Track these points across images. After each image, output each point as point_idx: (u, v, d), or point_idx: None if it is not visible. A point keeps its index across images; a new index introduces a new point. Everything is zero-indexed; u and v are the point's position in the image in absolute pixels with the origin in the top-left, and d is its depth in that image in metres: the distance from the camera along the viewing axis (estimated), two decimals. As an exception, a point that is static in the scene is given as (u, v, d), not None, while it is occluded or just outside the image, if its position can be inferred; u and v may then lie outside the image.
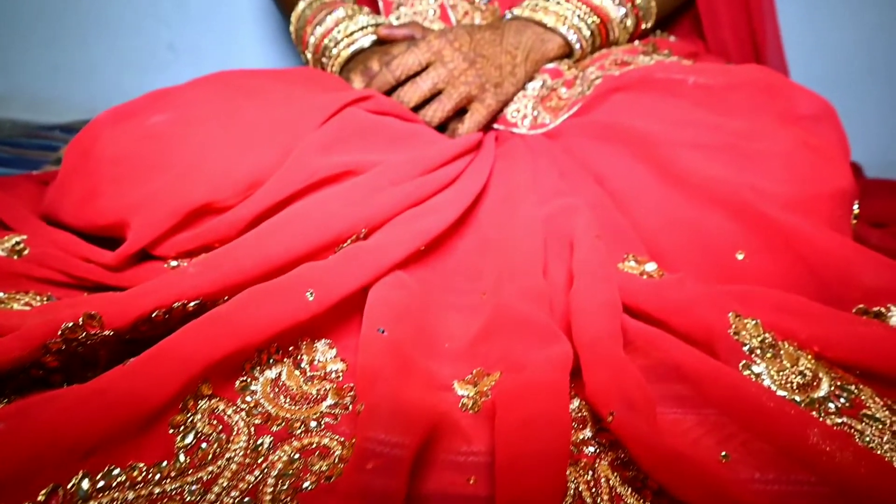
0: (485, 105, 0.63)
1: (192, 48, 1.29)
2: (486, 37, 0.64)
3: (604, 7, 0.68)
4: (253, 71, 0.56)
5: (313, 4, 0.74)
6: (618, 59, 0.66)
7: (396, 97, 0.62)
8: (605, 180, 0.54)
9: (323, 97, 0.52)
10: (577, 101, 0.64)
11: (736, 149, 0.48)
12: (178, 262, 0.45)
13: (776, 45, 0.82)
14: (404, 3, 0.76)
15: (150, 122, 0.47)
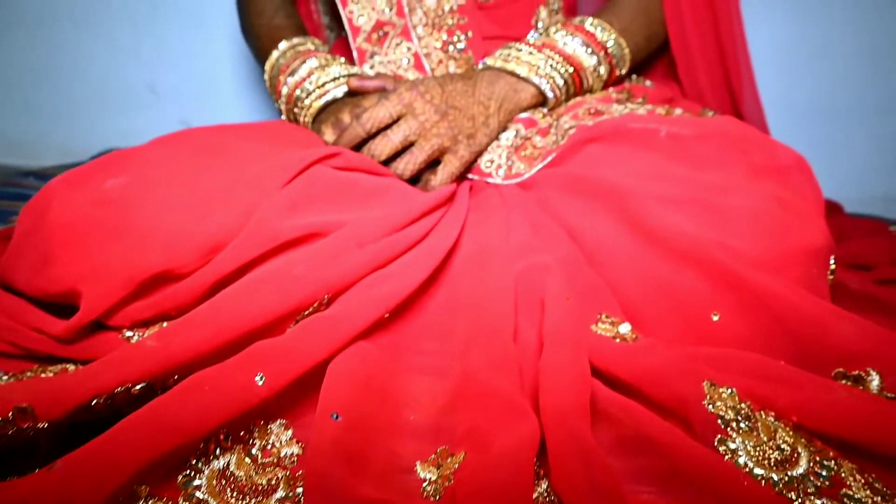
0: (458, 156, 0.62)
1: (172, 89, 1.29)
2: (459, 88, 0.63)
3: (577, 56, 0.68)
4: (218, 128, 0.54)
5: (287, 53, 0.74)
6: (591, 108, 0.66)
7: (367, 150, 0.61)
8: (579, 235, 0.53)
9: (289, 155, 0.51)
10: (551, 150, 0.63)
11: (707, 204, 0.48)
12: (133, 333, 0.43)
13: (751, 89, 0.82)
14: (378, 52, 0.76)
15: (106, 185, 0.45)
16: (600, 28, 0.69)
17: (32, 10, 1.27)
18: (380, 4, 0.75)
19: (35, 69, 1.30)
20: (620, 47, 0.71)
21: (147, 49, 1.27)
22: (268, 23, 0.81)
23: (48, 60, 1.29)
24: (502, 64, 0.66)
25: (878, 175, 1.28)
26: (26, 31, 1.28)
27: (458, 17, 0.74)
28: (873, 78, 1.23)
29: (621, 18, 0.73)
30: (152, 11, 1.24)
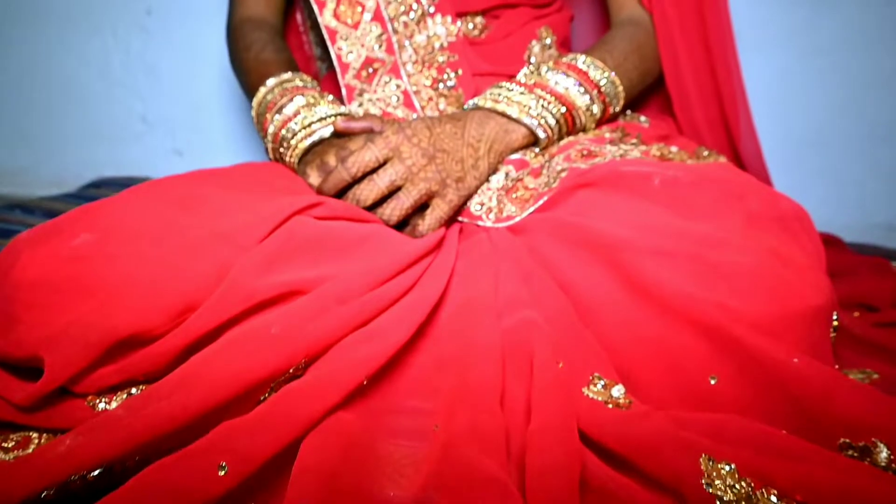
0: (446, 201, 0.61)
1: (164, 119, 1.28)
2: (447, 130, 0.62)
3: (569, 95, 0.66)
4: (195, 175, 0.53)
5: (275, 90, 0.72)
6: (584, 150, 0.64)
7: (352, 195, 0.59)
8: (570, 288, 0.51)
9: (268, 206, 0.49)
10: (542, 193, 0.61)
11: (704, 260, 0.46)
12: (100, 400, 0.41)
13: (748, 125, 0.80)
14: (367, 89, 0.74)
15: (75, 242, 0.43)
16: (593, 66, 0.68)
17: (24, 39, 1.26)
18: (369, 41, 0.74)
19: (27, 98, 1.29)
20: (614, 86, 0.69)
21: (139, 79, 1.26)
22: (255, 57, 0.79)
23: (40, 89, 1.28)
24: (492, 104, 0.64)
25: (878, 203, 1.26)
26: (18, 61, 1.27)
27: (448, 54, 0.73)
28: (871, 106, 1.21)
29: (615, 55, 0.72)
30: (145, 41, 1.24)
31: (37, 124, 1.31)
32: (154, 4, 1.22)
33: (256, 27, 0.83)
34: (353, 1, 0.74)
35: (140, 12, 1.23)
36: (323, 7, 0.75)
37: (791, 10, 1.19)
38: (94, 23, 1.24)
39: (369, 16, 0.74)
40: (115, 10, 1.23)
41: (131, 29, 1.24)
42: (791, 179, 1.26)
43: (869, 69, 1.20)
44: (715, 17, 0.76)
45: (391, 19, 0.74)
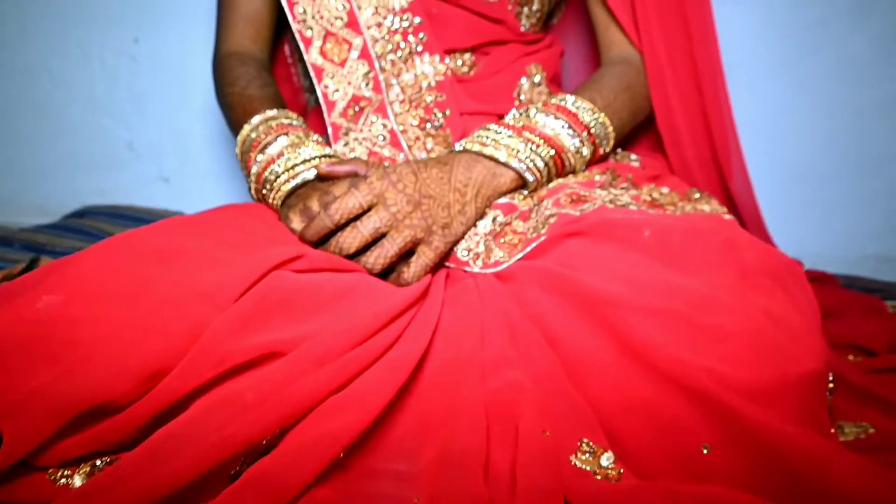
0: (432, 248, 0.59)
1: (151, 146, 1.26)
2: (433, 174, 0.60)
3: (558, 138, 0.65)
4: (169, 226, 0.51)
5: (259, 127, 0.71)
6: (574, 194, 0.63)
7: (335, 242, 0.57)
8: (559, 344, 0.50)
9: (246, 260, 0.47)
10: (531, 239, 0.60)
11: (695, 322, 0.44)
12: (61, 473, 0.39)
13: (740, 164, 0.79)
14: (353, 128, 0.73)
15: (40, 303, 0.41)
16: (583, 108, 0.67)
17: (9, 66, 1.24)
18: (356, 79, 0.73)
19: (10, 126, 1.27)
20: (604, 127, 0.68)
21: (126, 106, 1.24)
22: (240, 93, 0.78)
23: (24, 117, 1.26)
24: (480, 148, 0.63)
25: (869, 234, 1.25)
26: (1, 88, 1.26)
27: (436, 94, 0.72)
28: (861, 137, 1.21)
29: (604, 95, 0.71)
30: (131, 68, 1.22)
31: (21, 152, 1.29)
32: (141, 33, 1.21)
33: (242, 62, 0.82)
34: (340, 39, 0.73)
35: (127, 41, 1.22)
36: (309, 45, 0.74)
37: (781, 43, 1.19)
38: (80, 51, 1.23)
39: (356, 53, 0.73)
40: (102, 39, 1.22)
41: (119, 57, 1.23)
42: (782, 210, 1.26)
43: (859, 101, 1.20)
44: (705, 57, 0.76)
45: (378, 57, 0.73)
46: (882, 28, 1.16)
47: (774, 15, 1.17)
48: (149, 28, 1.20)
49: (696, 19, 0.75)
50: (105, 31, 1.21)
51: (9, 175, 1.30)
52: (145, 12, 1.20)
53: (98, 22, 1.21)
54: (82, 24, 1.21)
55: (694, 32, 0.75)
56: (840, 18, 1.16)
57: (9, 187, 1.30)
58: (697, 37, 0.75)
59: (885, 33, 1.17)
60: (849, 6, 1.16)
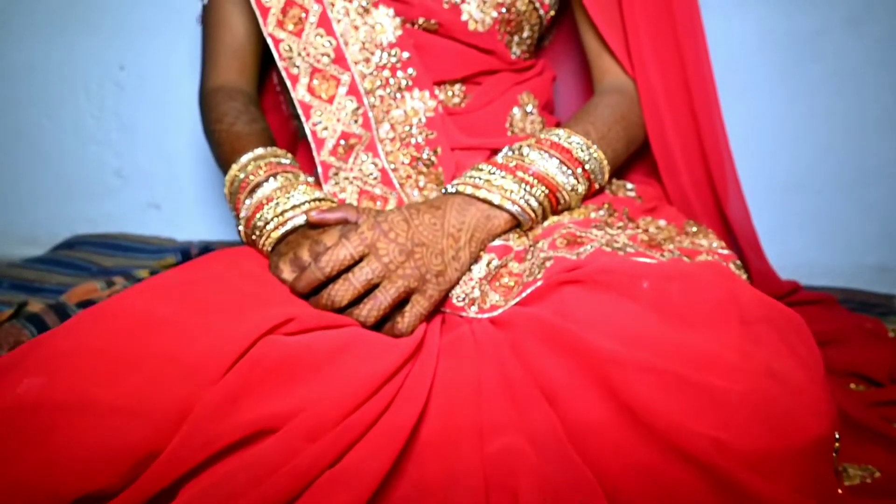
0: (426, 297, 0.58)
1: (139, 173, 1.25)
2: (426, 221, 0.59)
3: (552, 177, 0.63)
4: (152, 291, 0.48)
5: (248, 167, 0.69)
6: (569, 235, 0.61)
7: (327, 295, 0.56)
8: (557, 401, 0.48)
9: (235, 326, 0.46)
10: (528, 283, 0.59)
11: (697, 385, 0.43)
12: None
13: (736, 191, 0.78)
14: (343, 167, 0.71)
15: (21, 388, 0.40)
16: (577, 143, 0.66)
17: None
18: (345, 116, 0.72)
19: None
20: (599, 162, 0.67)
21: (113, 134, 1.23)
22: (228, 129, 0.76)
23: (11, 147, 1.24)
24: (473, 190, 0.62)
25: (868, 245, 1.25)
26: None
27: (426, 131, 0.71)
28: (858, 148, 1.20)
29: (598, 126, 0.70)
30: (118, 96, 1.21)
31: (10, 182, 1.27)
32: (127, 60, 1.19)
33: (229, 96, 0.81)
34: (327, 75, 0.72)
35: (113, 67, 1.20)
36: (296, 82, 0.73)
37: (777, 53, 1.18)
38: (65, 79, 1.21)
39: (344, 90, 0.72)
40: (87, 66, 1.20)
41: (104, 84, 1.21)
42: (779, 221, 1.25)
43: (855, 112, 1.19)
44: (699, 83, 0.74)
45: (367, 93, 0.71)
46: (878, 38, 1.15)
47: (771, 25, 1.16)
48: (134, 55, 1.19)
49: (688, 45, 0.74)
50: (89, 60, 1.19)
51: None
52: (130, 39, 1.18)
53: (82, 50, 1.19)
54: (66, 52, 1.19)
55: (687, 59, 0.74)
56: (836, 29, 1.15)
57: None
58: (691, 63, 0.74)
59: (881, 43, 1.16)
60: (845, 17, 1.15)
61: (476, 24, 0.74)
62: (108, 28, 1.18)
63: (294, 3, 0.71)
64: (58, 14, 1.19)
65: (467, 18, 0.74)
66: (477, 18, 0.74)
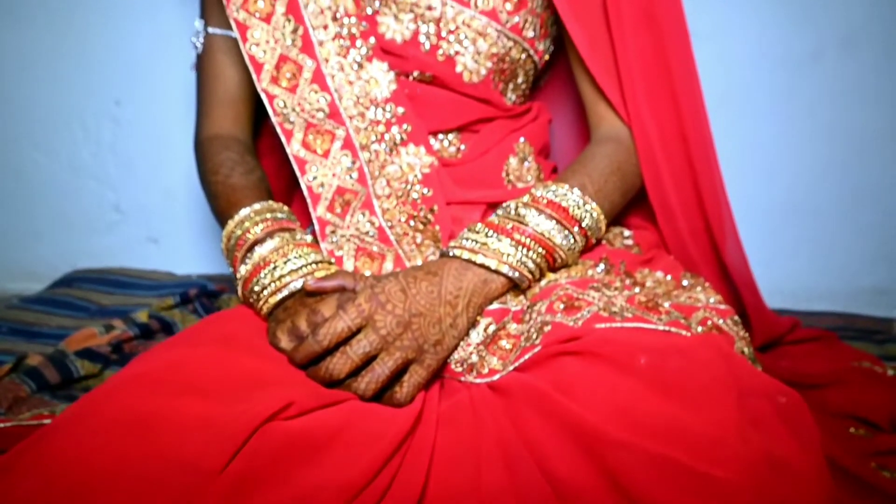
0: (424, 366, 0.58)
1: (138, 208, 1.25)
2: (423, 289, 0.59)
3: (549, 237, 0.63)
4: (145, 379, 0.48)
5: (245, 223, 0.69)
6: (567, 297, 0.61)
7: (325, 368, 0.56)
8: (555, 479, 0.48)
9: (233, 417, 0.46)
10: (525, 349, 0.59)
11: (694, 473, 0.43)
12: None
13: (733, 236, 0.78)
14: (340, 225, 0.71)
15: (19, 492, 0.40)
16: (573, 200, 0.65)
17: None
18: (340, 171, 0.72)
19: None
20: (595, 219, 0.67)
21: (110, 169, 1.23)
22: (224, 181, 0.76)
23: (9, 183, 1.24)
24: (470, 255, 0.61)
25: (864, 267, 1.25)
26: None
27: (423, 189, 0.70)
28: (855, 170, 1.21)
29: (595, 178, 0.70)
30: (115, 132, 1.21)
31: (8, 217, 1.27)
32: (123, 95, 1.19)
33: (224, 146, 0.81)
34: (322, 130, 0.72)
35: (109, 103, 1.20)
36: (290, 137, 0.72)
37: (773, 75, 1.18)
38: (62, 114, 1.21)
39: (339, 144, 0.72)
40: (83, 102, 1.20)
41: (101, 120, 1.21)
42: (776, 243, 1.25)
43: (852, 134, 1.19)
44: (696, 132, 0.74)
45: (362, 147, 0.71)
46: (874, 60, 1.15)
47: (767, 47, 1.16)
48: (130, 90, 1.19)
49: (684, 94, 0.73)
50: (86, 95, 1.19)
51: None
52: (125, 75, 1.18)
53: (78, 86, 1.19)
54: (63, 88, 1.19)
55: (683, 107, 0.73)
56: (832, 51, 1.15)
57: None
58: (687, 112, 0.74)
59: (876, 66, 1.16)
60: (840, 39, 1.15)
61: (471, 75, 0.74)
62: (105, 64, 1.18)
63: (288, 58, 0.71)
64: (54, 50, 1.18)
65: (462, 70, 0.74)
66: (471, 69, 0.74)
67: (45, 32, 1.18)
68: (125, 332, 0.92)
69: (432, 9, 0.71)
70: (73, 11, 1.16)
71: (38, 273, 1.26)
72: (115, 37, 1.17)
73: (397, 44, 0.72)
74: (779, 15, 1.14)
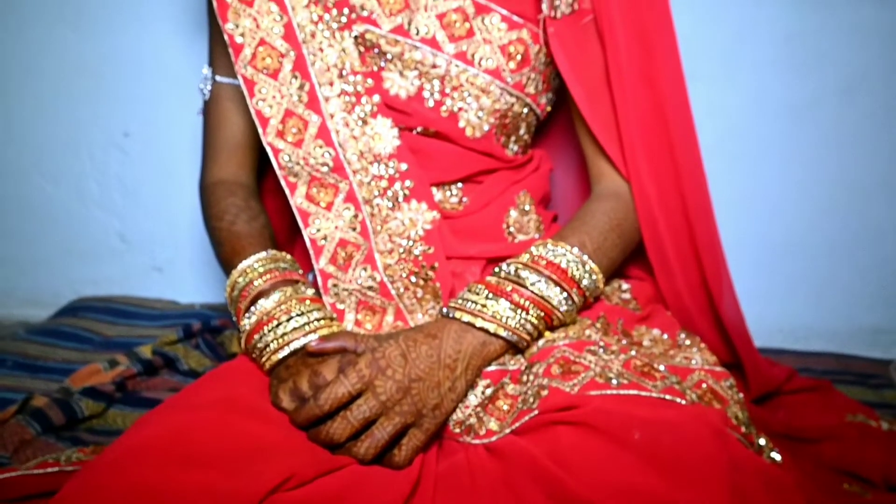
0: (422, 430, 0.59)
1: (143, 237, 1.26)
2: (423, 353, 0.60)
3: (548, 299, 0.65)
4: (145, 452, 0.49)
5: (248, 274, 0.71)
6: (564, 360, 0.62)
7: (326, 432, 0.57)
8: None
9: (235, 492, 0.47)
10: (522, 412, 0.60)
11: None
12: None
13: (729, 290, 0.79)
14: (342, 279, 0.72)
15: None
16: (573, 261, 0.66)
17: (0, 162, 1.24)
18: (343, 224, 0.73)
19: (3, 219, 1.27)
20: (594, 280, 0.68)
21: (117, 199, 1.24)
22: (228, 228, 0.78)
23: (16, 211, 1.26)
24: (470, 318, 0.63)
25: (864, 307, 1.26)
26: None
27: (424, 246, 0.72)
28: (852, 212, 1.22)
29: (594, 237, 0.71)
30: (122, 162, 1.22)
31: (14, 245, 1.29)
32: (131, 126, 1.21)
33: (229, 191, 0.82)
34: (326, 183, 0.73)
35: (117, 134, 1.21)
36: (294, 189, 0.74)
37: (774, 120, 1.19)
38: (70, 145, 1.22)
39: (342, 197, 0.73)
40: (91, 134, 1.22)
41: (109, 151, 1.23)
42: (776, 284, 1.26)
43: (850, 177, 1.20)
44: (694, 190, 0.75)
45: (365, 202, 0.73)
46: (872, 107, 1.17)
47: (768, 94, 1.18)
48: (138, 122, 1.20)
49: (683, 155, 0.74)
50: (94, 126, 1.21)
51: (2, 267, 1.29)
52: (134, 107, 1.20)
53: (87, 117, 1.21)
54: (71, 119, 1.21)
55: (682, 167, 0.74)
56: (831, 98, 1.17)
57: (2, 279, 1.30)
58: (685, 171, 0.75)
59: (874, 112, 1.17)
60: (840, 86, 1.16)
61: (474, 131, 0.75)
62: (113, 95, 1.20)
63: (294, 114, 0.72)
64: (64, 81, 1.20)
65: (465, 125, 0.75)
66: (474, 125, 0.75)
67: (57, 65, 1.20)
68: (129, 369, 0.94)
69: (437, 67, 0.72)
70: (84, 46, 1.18)
71: (43, 300, 1.27)
72: (125, 71, 1.19)
73: (401, 99, 0.74)
74: (780, 62, 1.15)
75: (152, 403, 0.90)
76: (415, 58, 0.72)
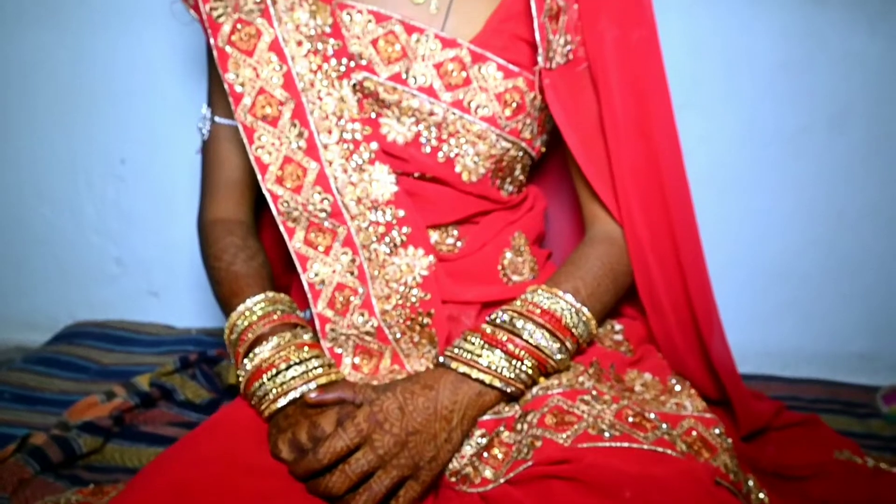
0: (419, 482, 0.60)
1: (139, 261, 1.27)
2: (420, 405, 0.61)
3: (542, 349, 0.66)
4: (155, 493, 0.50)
5: (247, 316, 0.72)
6: (558, 410, 0.63)
7: (325, 485, 0.59)
8: None
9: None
10: (517, 462, 0.61)
11: None
12: None
13: (720, 333, 0.80)
14: (339, 323, 0.73)
15: None
16: (567, 309, 0.68)
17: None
18: (340, 268, 0.74)
19: (0, 244, 1.27)
20: (588, 327, 0.69)
21: (113, 223, 1.25)
22: (226, 268, 0.78)
23: (13, 236, 1.27)
24: (466, 370, 0.64)
25: (851, 333, 1.28)
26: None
27: (421, 293, 0.73)
28: (841, 238, 1.24)
29: (588, 282, 0.72)
30: (119, 189, 1.23)
31: (11, 269, 1.29)
32: (128, 154, 1.22)
33: (227, 230, 0.83)
34: (324, 228, 0.74)
35: (114, 162, 1.22)
36: (293, 234, 0.75)
37: (764, 149, 1.21)
38: (67, 171, 1.23)
39: (340, 242, 0.74)
40: (89, 160, 1.22)
41: (106, 177, 1.23)
42: (765, 310, 1.29)
43: (838, 205, 1.23)
44: (686, 237, 0.76)
45: (363, 247, 0.74)
46: (861, 136, 1.19)
47: (758, 122, 1.20)
48: (135, 149, 1.21)
49: (675, 202, 0.76)
50: (92, 153, 1.22)
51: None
52: (131, 134, 1.20)
53: (85, 144, 1.21)
54: (70, 145, 1.22)
55: (674, 215, 0.76)
56: (821, 127, 1.19)
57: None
58: (677, 218, 0.76)
59: (863, 142, 1.19)
60: (829, 116, 1.18)
61: (470, 175, 0.77)
62: (111, 122, 1.21)
63: (292, 160, 0.73)
64: (62, 108, 1.21)
65: (461, 170, 0.76)
66: (471, 169, 0.76)
67: (55, 91, 1.20)
68: (126, 402, 0.94)
69: (434, 114, 0.74)
70: (83, 76, 1.19)
71: (40, 324, 1.28)
72: (123, 99, 1.19)
73: (399, 145, 0.75)
74: (772, 91, 1.17)
75: (150, 438, 0.91)
76: (412, 105, 0.73)
